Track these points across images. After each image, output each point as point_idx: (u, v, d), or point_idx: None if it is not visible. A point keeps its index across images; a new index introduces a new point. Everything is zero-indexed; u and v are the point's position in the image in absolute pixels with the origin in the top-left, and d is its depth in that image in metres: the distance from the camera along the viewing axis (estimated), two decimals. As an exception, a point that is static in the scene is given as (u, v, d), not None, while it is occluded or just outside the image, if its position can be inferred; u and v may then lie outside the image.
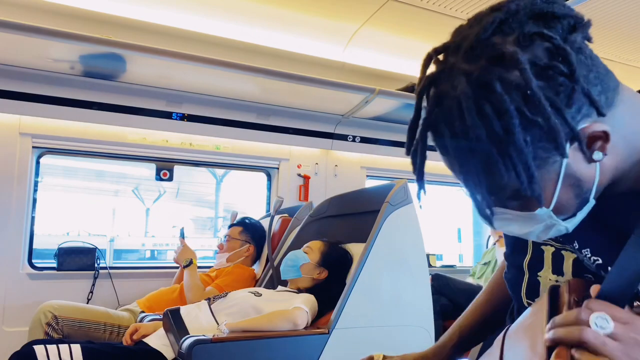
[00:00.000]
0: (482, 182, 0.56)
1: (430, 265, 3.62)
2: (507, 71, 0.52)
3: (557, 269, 0.71)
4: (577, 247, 0.67)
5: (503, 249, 3.09)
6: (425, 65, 0.61)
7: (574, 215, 0.61)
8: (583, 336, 0.48)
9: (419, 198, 0.64)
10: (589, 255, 0.65)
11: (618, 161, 0.59)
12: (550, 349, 0.52)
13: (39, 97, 2.51)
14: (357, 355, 0.92)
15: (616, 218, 0.63)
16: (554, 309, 0.58)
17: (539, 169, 0.54)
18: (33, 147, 2.60)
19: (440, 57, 0.60)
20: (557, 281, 0.71)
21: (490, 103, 0.52)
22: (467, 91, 0.53)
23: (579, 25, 0.56)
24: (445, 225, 5.77)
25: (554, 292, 0.56)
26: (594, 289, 0.54)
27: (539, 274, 0.74)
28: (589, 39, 0.57)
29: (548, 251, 0.73)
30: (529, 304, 0.75)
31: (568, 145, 0.54)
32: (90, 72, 2.51)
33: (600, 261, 0.64)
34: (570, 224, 0.61)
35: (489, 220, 0.60)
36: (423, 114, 0.60)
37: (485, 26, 0.56)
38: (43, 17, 2.35)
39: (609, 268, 0.60)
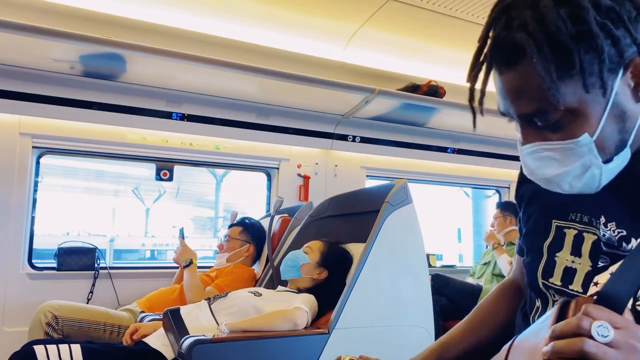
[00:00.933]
0: (552, 79, 0.59)
1: (430, 265, 3.62)
2: None
3: (576, 250, 0.72)
4: (603, 221, 0.69)
5: (503, 255, 3.07)
6: (501, 2, 0.65)
7: (610, 160, 0.64)
8: (585, 348, 0.48)
9: (474, 124, 0.70)
10: (614, 228, 0.67)
11: None
12: None
13: (39, 97, 2.51)
14: (357, 356, 0.91)
15: None
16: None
17: (593, 87, 0.59)
18: (33, 147, 2.60)
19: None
20: (573, 262, 0.72)
21: (568, 8, 0.58)
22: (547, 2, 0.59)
23: None
24: (445, 225, 5.77)
25: (564, 307, 0.55)
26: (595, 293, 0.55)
27: (557, 254, 0.75)
28: None
29: (570, 234, 0.74)
30: (544, 284, 0.75)
31: (621, 72, 0.60)
32: (90, 72, 2.51)
33: (624, 233, 0.66)
34: (605, 169, 0.64)
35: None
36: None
37: None
38: (43, 17, 2.35)
39: (632, 239, 0.64)
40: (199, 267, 2.36)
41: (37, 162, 2.67)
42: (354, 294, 1.66)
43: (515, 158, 3.93)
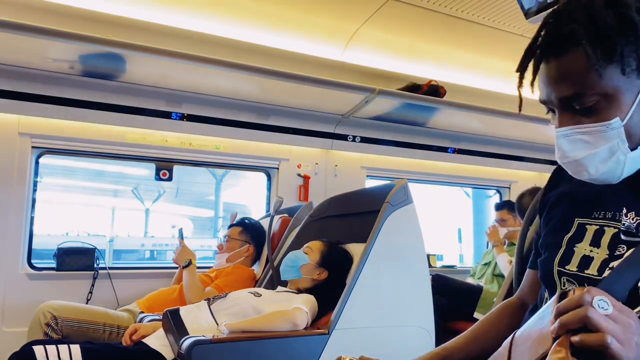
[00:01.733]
0: (596, 63, 0.67)
1: (430, 266, 3.61)
2: None
3: (595, 242, 0.76)
4: (625, 212, 0.74)
5: (503, 254, 3.06)
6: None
7: (635, 148, 0.71)
8: (588, 313, 0.52)
9: (520, 108, 0.79)
10: (634, 217, 0.73)
11: None
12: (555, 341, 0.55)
13: (38, 97, 2.51)
14: (357, 356, 0.91)
15: None
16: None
17: (629, 74, 0.68)
18: (32, 147, 2.60)
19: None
20: (591, 251, 0.75)
21: (615, 6, 0.67)
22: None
23: None
24: (445, 225, 5.76)
25: (563, 297, 0.58)
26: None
27: (576, 245, 0.78)
28: None
29: (591, 229, 0.78)
30: (559, 271, 0.78)
31: None
32: (90, 72, 2.51)
33: None
34: (630, 157, 0.71)
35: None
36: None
37: None
38: (43, 17, 2.35)
39: None
40: (199, 268, 2.36)
41: (37, 162, 2.67)
42: (354, 294, 1.65)
43: (516, 158, 3.96)
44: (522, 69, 0.76)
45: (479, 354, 0.89)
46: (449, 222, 5.73)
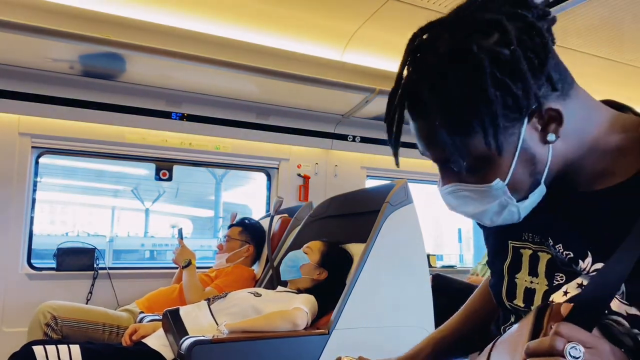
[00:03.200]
0: (455, 137, 0.61)
1: (430, 266, 3.61)
2: (486, 37, 0.59)
3: (533, 271, 0.74)
4: (552, 243, 0.70)
5: None
6: (411, 43, 0.67)
7: (525, 197, 0.66)
8: None
9: (397, 163, 0.70)
10: (562, 250, 0.69)
11: (568, 151, 0.64)
12: None
13: (38, 97, 2.51)
14: (357, 356, 0.92)
15: (583, 215, 0.67)
16: (537, 330, 0.61)
17: (494, 143, 0.60)
18: (32, 147, 2.60)
19: (425, 36, 0.66)
20: (531, 282, 0.74)
21: (467, 63, 0.58)
22: (447, 53, 0.60)
23: (546, 16, 0.62)
24: (445, 225, 5.77)
25: (541, 312, 0.59)
26: (565, 308, 0.58)
27: (516, 276, 0.76)
28: (553, 39, 0.62)
29: (526, 254, 0.75)
30: (511, 306, 0.77)
31: (526, 119, 0.60)
32: (90, 72, 2.51)
33: (571, 255, 0.67)
34: (522, 207, 0.66)
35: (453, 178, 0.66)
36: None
37: (469, 2, 0.65)
38: (43, 17, 2.34)
39: (579, 260, 0.66)
40: (199, 268, 2.36)
41: (36, 162, 2.67)
42: (354, 294, 1.65)
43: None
44: (389, 119, 0.68)
45: (472, 330, 0.95)
46: (449, 222, 5.73)
